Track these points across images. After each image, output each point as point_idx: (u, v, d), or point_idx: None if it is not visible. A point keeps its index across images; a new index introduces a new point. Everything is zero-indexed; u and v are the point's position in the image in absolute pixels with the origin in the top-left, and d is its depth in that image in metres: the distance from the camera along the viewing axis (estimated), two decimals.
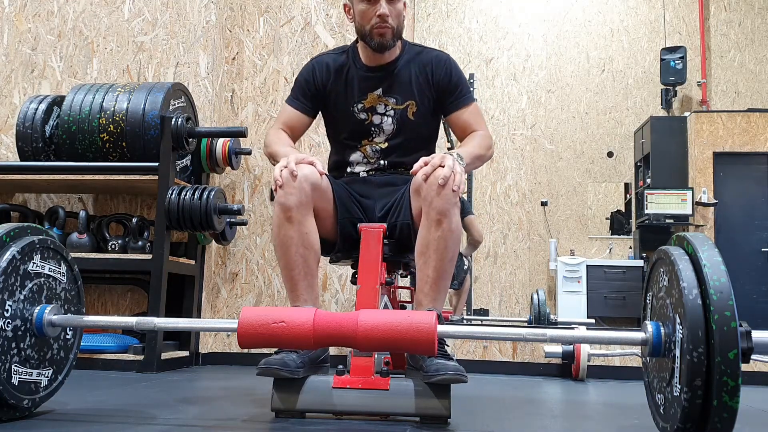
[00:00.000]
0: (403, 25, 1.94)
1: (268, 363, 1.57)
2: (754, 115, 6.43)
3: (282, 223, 1.74)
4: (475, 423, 1.66)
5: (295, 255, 1.75)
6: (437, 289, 1.73)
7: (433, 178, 1.65)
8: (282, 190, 1.72)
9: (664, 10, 7.34)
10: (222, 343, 3.15)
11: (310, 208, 1.77)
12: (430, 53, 2.01)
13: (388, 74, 1.97)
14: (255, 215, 3.29)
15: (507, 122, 7.13)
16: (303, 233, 1.74)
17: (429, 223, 1.69)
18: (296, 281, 1.76)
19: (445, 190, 1.64)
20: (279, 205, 1.73)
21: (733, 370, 1.14)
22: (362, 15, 1.90)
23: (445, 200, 1.65)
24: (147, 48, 3.26)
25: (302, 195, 1.73)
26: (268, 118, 3.35)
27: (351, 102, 1.98)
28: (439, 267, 1.71)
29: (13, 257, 1.44)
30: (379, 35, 1.89)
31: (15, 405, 1.44)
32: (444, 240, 1.69)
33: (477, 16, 7.40)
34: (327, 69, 2.00)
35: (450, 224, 1.68)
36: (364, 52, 1.99)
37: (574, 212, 7.28)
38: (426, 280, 1.72)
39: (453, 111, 1.98)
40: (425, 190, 1.68)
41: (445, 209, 1.66)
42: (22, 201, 3.25)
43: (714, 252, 1.25)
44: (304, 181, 1.73)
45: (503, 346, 3.11)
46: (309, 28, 3.39)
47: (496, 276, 6.85)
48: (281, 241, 1.75)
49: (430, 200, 1.67)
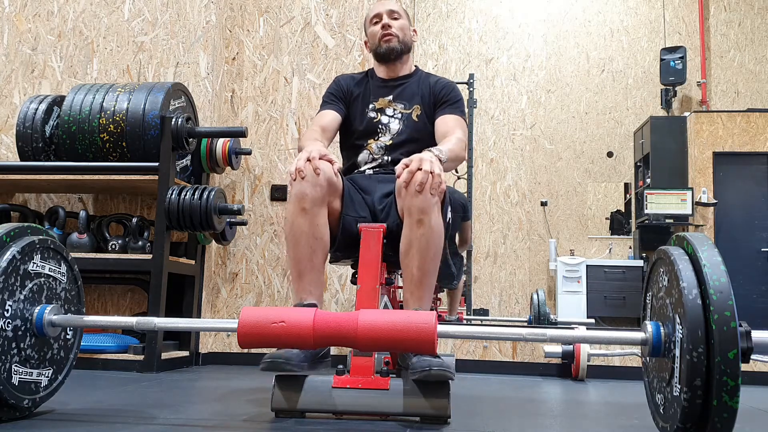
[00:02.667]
0: (409, 39, 2.19)
1: (273, 358, 1.59)
2: (753, 115, 6.43)
3: (296, 214, 1.78)
4: (475, 423, 1.66)
5: (305, 247, 1.78)
6: (423, 288, 1.76)
7: (412, 184, 1.71)
8: (300, 181, 1.76)
9: (664, 10, 7.34)
10: (222, 343, 3.15)
11: (325, 203, 1.82)
12: (438, 77, 2.23)
13: (400, 85, 2.18)
14: (255, 215, 3.29)
15: (507, 122, 7.13)
16: (315, 226, 1.78)
17: (411, 223, 1.74)
18: (303, 273, 1.78)
19: (423, 193, 1.70)
20: (295, 197, 1.77)
21: (733, 370, 1.14)
22: (373, 35, 2.18)
23: (424, 200, 1.71)
24: (147, 48, 3.26)
25: (319, 189, 1.78)
26: (268, 118, 3.35)
27: (366, 103, 2.17)
28: (422, 266, 1.74)
29: (13, 257, 1.44)
30: (386, 41, 2.14)
31: (15, 405, 1.44)
32: (426, 238, 1.73)
33: (477, 16, 7.40)
34: (351, 79, 2.23)
35: (431, 222, 1.73)
36: (378, 68, 2.22)
37: (573, 212, 7.28)
38: (411, 279, 1.76)
39: (440, 115, 2.11)
40: (404, 194, 1.74)
41: (425, 208, 1.71)
42: (22, 201, 3.25)
43: (714, 252, 1.25)
44: (322, 176, 1.78)
45: (503, 346, 3.11)
46: (309, 28, 3.39)
47: (495, 276, 6.85)
48: (293, 232, 1.79)
49: (410, 201, 1.72)
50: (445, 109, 2.11)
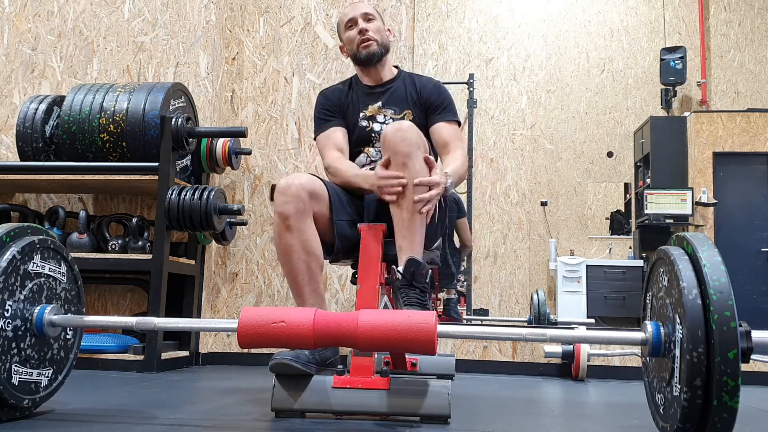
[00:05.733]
0: (387, 41, 2.17)
1: (282, 356, 1.60)
2: (753, 115, 6.42)
3: (282, 232, 1.80)
4: (475, 423, 1.66)
5: (297, 262, 1.80)
6: (413, 230, 1.79)
7: (398, 134, 1.77)
8: (280, 197, 1.79)
9: (664, 10, 7.34)
10: (222, 343, 3.15)
11: (309, 215, 1.82)
12: (422, 77, 2.22)
13: (386, 90, 2.17)
14: (255, 215, 3.29)
15: (507, 122, 7.12)
16: (303, 240, 1.80)
17: (396, 166, 1.78)
18: (301, 286, 1.81)
19: (405, 134, 1.76)
20: (277, 215, 1.80)
21: (733, 370, 1.14)
22: (350, 40, 2.15)
23: (407, 144, 1.76)
24: (147, 48, 3.26)
25: (299, 203, 1.79)
26: (268, 118, 3.35)
27: (357, 113, 2.16)
28: (410, 207, 1.77)
29: (13, 257, 1.44)
30: (365, 47, 2.12)
31: (15, 405, 1.44)
32: (411, 180, 1.77)
33: (477, 16, 7.39)
34: (335, 91, 2.21)
35: (415, 165, 1.77)
36: (362, 74, 2.20)
37: (573, 212, 7.27)
38: (402, 224, 1.79)
39: (435, 123, 2.11)
40: (388, 140, 1.78)
41: (409, 152, 1.76)
42: (22, 201, 3.25)
43: (714, 252, 1.25)
44: (301, 189, 1.80)
45: (503, 346, 3.11)
46: (309, 28, 3.39)
47: (495, 276, 6.84)
48: (283, 249, 1.81)
49: (394, 147, 1.77)
50: (438, 116, 2.10)
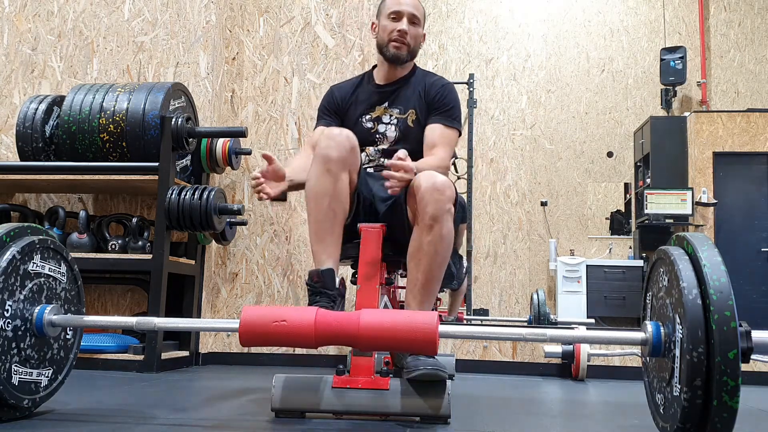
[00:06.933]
0: (418, 48, 2.14)
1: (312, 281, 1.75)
2: (753, 115, 6.43)
3: (320, 174, 1.80)
4: (475, 423, 1.66)
5: (327, 208, 1.79)
6: (425, 293, 1.76)
7: (430, 188, 1.71)
8: (326, 141, 1.80)
9: (664, 10, 7.34)
10: (222, 343, 3.15)
11: (347, 167, 1.83)
12: (434, 76, 2.18)
13: (396, 89, 2.14)
14: (255, 215, 3.29)
15: (507, 122, 7.13)
16: (338, 187, 1.80)
17: (422, 227, 1.74)
18: (324, 236, 1.80)
19: (441, 195, 1.70)
20: (320, 157, 1.79)
21: (733, 370, 1.14)
22: (385, 29, 2.10)
23: (439, 206, 1.71)
24: (147, 48, 3.26)
25: (343, 151, 1.80)
26: (268, 118, 3.35)
27: (361, 113, 2.13)
28: (428, 271, 1.75)
29: (13, 257, 1.44)
30: (396, 48, 2.08)
31: (15, 405, 1.44)
32: (434, 245, 1.73)
33: (477, 16, 7.39)
34: (344, 89, 2.20)
35: (441, 230, 1.72)
36: (379, 70, 2.17)
37: (573, 212, 7.28)
38: (415, 282, 1.76)
39: (431, 123, 2.07)
40: (421, 194, 1.73)
41: (438, 215, 1.71)
42: (22, 201, 3.25)
43: (714, 252, 1.25)
44: (347, 140, 1.81)
45: (503, 346, 3.11)
46: (309, 28, 3.39)
47: (495, 276, 6.84)
48: (316, 192, 1.80)
49: (425, 205, 1.72)
50: (435, 117, 2.07)
